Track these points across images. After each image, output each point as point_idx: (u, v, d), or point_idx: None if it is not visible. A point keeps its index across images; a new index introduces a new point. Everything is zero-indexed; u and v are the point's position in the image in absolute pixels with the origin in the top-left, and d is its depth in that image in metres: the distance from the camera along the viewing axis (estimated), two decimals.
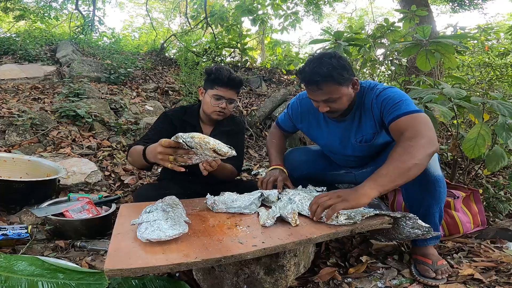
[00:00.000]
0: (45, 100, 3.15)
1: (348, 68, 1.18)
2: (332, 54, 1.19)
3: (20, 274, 0.93)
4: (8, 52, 4.48)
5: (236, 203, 1.17)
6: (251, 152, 3.21)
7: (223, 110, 1.48)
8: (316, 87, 1.17)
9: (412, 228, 1.07)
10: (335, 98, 1.19)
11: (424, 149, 1.02)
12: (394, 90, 1.24)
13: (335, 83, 1.16)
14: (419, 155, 1.00)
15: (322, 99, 1.20)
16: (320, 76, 1.14)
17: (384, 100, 1.21)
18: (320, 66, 1.15)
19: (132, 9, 18.97)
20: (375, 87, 1.27)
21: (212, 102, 1.48)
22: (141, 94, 3.89)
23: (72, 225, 1.46)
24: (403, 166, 0.99)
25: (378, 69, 3.61)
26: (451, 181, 1.83)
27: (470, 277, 1.16)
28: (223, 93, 1.47)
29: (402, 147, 1.04)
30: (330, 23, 12.39)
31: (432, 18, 4.39)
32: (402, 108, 1.15)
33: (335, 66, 1.14)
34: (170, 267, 0.78)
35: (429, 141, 1.04)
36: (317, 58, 1.18)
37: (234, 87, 1.49)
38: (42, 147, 2.41)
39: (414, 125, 1.09)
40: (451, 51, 1.85)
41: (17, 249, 1.33)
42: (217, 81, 1.46)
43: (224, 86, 1.46)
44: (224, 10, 5.47)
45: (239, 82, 1.50)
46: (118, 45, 5.87)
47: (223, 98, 1.47)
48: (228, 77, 1.45)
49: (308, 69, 1.18)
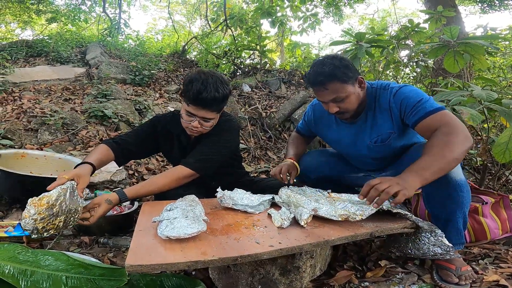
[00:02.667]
0: (75, 100, 3.32)
1: (351, 67, 1.22)
2: (334, 55, 1.25)
3: (46, 269, 0.97)
4: (41, 54, 4.74)
5: (244, 201, 1.19)
6: (270, 154, 3.22)
7: (195, 129, 1.30)
8: (322, 87, 1.21)
9: (433, 245, 1.05)
10: (342, 96, 1.21)
11: (463, 144, 1.02)
12: (410, 88, 1.23)
13: (339, 81, 1.19)
14: (459, 150, 1.00)
15: (329, 99, 1.23)
16: (324, 75, 1.19)
17: (404, 99, 1.20)
18: (322, 66, 1.20)
19: (155, 12, 19.60)
20: (388, 86, 1.27)
21: (184, 117, 1.30)
22: (164, 95, 4.01)
23: (97, 221, 1.51)
24: (444, 161, 0.99)
25: (402, 71, 3.51)
26: (480, 187, 1.75)
27: (495, 283, 1.11)
28: (194, 111, 1.26)
29: (442, 140, 1.03)
30: (351, 24, 12.20)
31: (460, 19, 4.21)
32: (427, 107, 1.14)
33: (337, 65, 1.19)
34: (187, 265, 0.80)
35: (465, 137, 1.03)
36: (320, 61, 1.24)
37: (206, 106, 1.25)
38: (72, 145, 2.54)
39: (448, 121, 1.08)
40: (481, 52, 1.78)
41: (44, 244, 1.39)
42: (187, 96, 1.25)
43: (193, 104, 1.24)
44: (243, 12, 5.52)
45: (211, 101, 1.23)
46: (143, 47, 6.07)
47: (195, 116, 1.28)
48: (197, 95, 1.21)
49: (312, 71, 1.23)
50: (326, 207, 1.09)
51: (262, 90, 4.38)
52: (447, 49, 1.83)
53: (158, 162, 2.63)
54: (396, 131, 1.27)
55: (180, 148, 1.50)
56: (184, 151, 1.46)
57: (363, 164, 1.46)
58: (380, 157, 1.37)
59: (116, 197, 1.15)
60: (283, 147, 3.35)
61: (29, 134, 2.53)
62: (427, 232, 1.06)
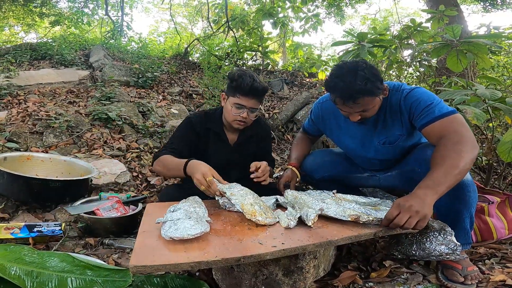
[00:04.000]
0: (80, 103, 3.35)
1: (380, 78, 1.17)
2: (363, 64, 1.16)
3: (52, 270, 0.99)
4: (45, 57, 4.78)
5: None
6: (273, 155, 3.22)
7: (244, 120, 1.43)
8: (353, 103, 1.15)
9: (440, 244, 1.04)
10: (369, 108, 1.19)
11: (472, 153, 1.02)
12: (422, 90, 1.21)
13: (370, 96, 1.15)
14: (468, 160, 1.01)
15: (357, 111, 1.19)
16: (356, 91, 1.12)
17: (414, 102, 1.19)
18: (355, 80, 1.11)
19: (157, 14, 19.70)
20: (400, 88, 1.25)
21: (233, 110, 1.42)
22: (167, 97, 4.02)
23: (102, 223, 1.53)
24: (456, 172, 0.99)
25: (405, 70, 3.49)
26: (485, 186, 1.74)
27: (502, 283, 1.10)
28: (245, 102, 1.40)
29: (452, 151, 1.02)
30: (352, 24, 12.17)
31: (462, 18, 4.19)
32: (436, 111, 1.12)
33: (369, 79, 1.12)
34: (190, 265, 0.81)
35: (472, 146, 1.04)
36: (350, 70, 1.14)
37: (256, 96, 1.41)
38: (77, 148, 2.56)
39: (456, 129, 1.07)
40: (484, 51, 1.77)
41: (50, 246, 1.41)
42: (238, 89, 1.39)
43: (246, 95, 1.39)
44: (245, 13, 5.53)
45: (262, 91, 1.41)
46: (145, 49, 6.10)
47: (245, 107, 1.41)
48: (251, 85, 1.37)
49: (340, 82, 1.14)
50: (334, 207, 1.09)
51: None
52: (450, 48, 1.82)
53: None
54: (405, 134, 1.26)
55: (222, 146, 1.54)
56: (227, 148, 1.54)
57: (369, 164, 1.45)
58: (387, 158, 1.37)
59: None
60: (286, 148, 3.34)
61: (34, 137, 2.55)
62: (436, 231, 1.06)
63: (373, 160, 1.40)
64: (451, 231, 1.04)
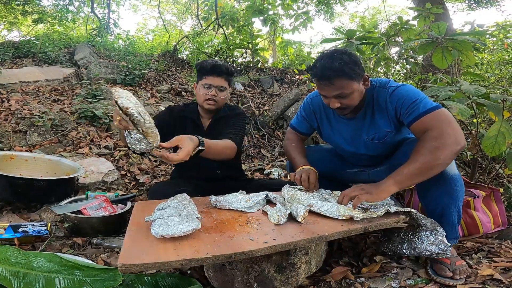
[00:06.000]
0: (64, 101, 3.26)
1: (359, 64, 1.19)
2: (343, 50, 1.20)
3: (39, 270, 0.96)
4: (28, 55, 4.65)
5: (240, 204, 1.19)
6: (264, 152, 3.21)
7: (213, 98, 1.51)
8: (328, 82, 1.18)
9: (431, 244, 1.06)
10: (347, 93, 1.19)
11: (451, 148, 1.03)
12: (407, 88, 1.22)
13: (346, 78, 1.16)
14: (444, 155, 1.02)
15: (333, 94, 1.20)
16: (332, 70, 1.15)
17: (399, 99, 1.20)
18: (332, 61, 1.16)
19: (146, 11, 19.33)
20: (386, 85, 1.26)
21: (202, 91, 1.53)
22: (155, 95, 3.96)
23: (90, 222, 1.50)
24: (425, 167, 1.03)
25: (393, 67, 3.54)
26: (470, 180, 1.78)
27: (490, 277, 1.12)
28: (211, 81, 1.51)
29: (426, 148, 1.05)
30: (342, 22, 12.26)
31: (448, 16, 4.27)
32: (421, 107, 1.14)
33: (346, 62, 1.15)
34: (181, 263, 0.80)
35: (455, 140, 1.04)
36: (329, 54, 1.19)
37: (221, 74, 1.52)
38: (62, 147, 2.49)
39: (438, 124, 1.08)
40: (468, 48, 1.80)
41: (36, 246, 1.37)
42: (203, 70, 1.52)
43: (210, 74, 1.51)
44: (235, 11, 5.50)
45: (226, 70, 1.53)
46: (133, 47, 5.99)
47: (212, 86, 1.51)
48: (212, 64, 1.50)
49: (319, 65, 1.19)
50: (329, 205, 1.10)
51: (255, 89, 4.38)
52: (436, 45, 1.85)
53: (151, 162, 2.60)
54: (393, 130, 1.27)
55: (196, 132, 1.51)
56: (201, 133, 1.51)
57: (358, 160, 1.46)
58: (376, 154, 1.38)
59: (195, 138, 1.16)
60: (276, 144, 3.35)
61: (18, 136, 2.48)
62: (428, 230, 1.07)
63: (363, 156, 1.41)
64: (442, 231, 1.06)
